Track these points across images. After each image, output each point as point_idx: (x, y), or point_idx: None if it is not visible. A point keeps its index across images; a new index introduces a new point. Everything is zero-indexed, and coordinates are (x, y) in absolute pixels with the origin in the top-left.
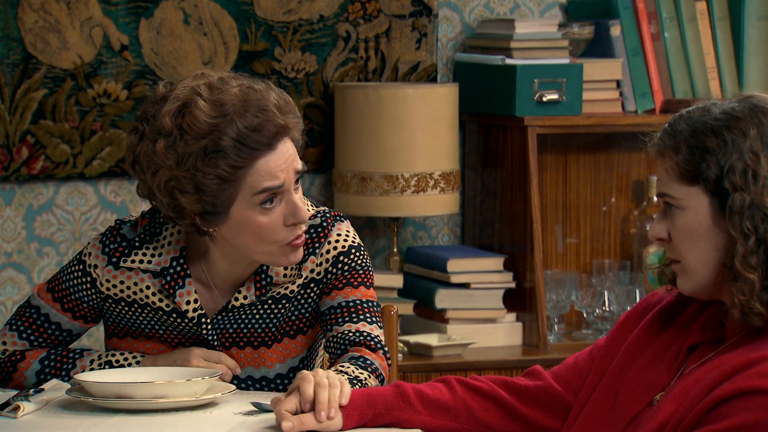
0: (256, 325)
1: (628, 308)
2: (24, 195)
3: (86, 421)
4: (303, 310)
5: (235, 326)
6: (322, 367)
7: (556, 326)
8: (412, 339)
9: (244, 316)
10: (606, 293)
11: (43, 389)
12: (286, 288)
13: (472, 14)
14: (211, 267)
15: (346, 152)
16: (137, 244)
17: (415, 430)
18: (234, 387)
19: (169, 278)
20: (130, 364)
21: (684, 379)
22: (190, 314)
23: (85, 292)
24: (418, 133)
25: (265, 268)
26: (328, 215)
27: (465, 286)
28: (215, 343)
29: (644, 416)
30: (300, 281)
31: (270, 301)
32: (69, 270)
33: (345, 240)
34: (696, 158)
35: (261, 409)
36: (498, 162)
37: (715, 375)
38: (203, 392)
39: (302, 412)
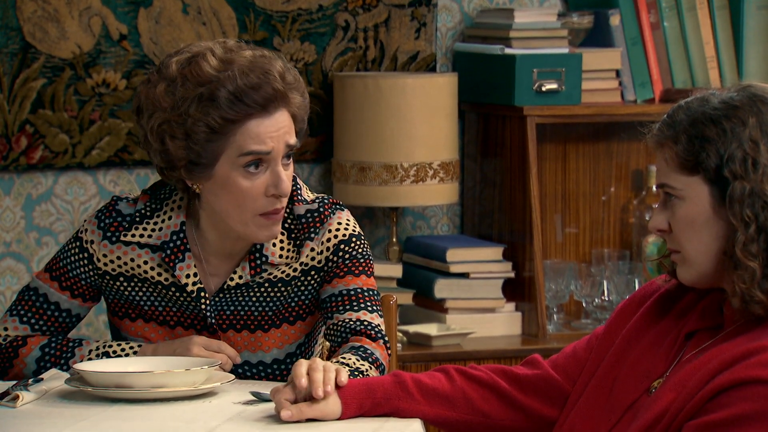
0: (253, 308)
1: (627, 298)
2: (23, 185)
3: (85, 410)
4: (303, 297)
5: (232, 308)
6: (321, 355)
7: (555, 316)
8: (411, 329)
9: (241, 298)
10: (605, 283)
11: (42, 379)
12: (283, 272)
13: (471, 4)
14: (205, 244)
15: (345, 142)
16: (138, 219)
17: (414, 419)
18: (233, 377)
19: (169, 252)
20: (128, 355)
21: (682, 366)
22: (190, 287)
23: (82, 269)
24: (418, 122)
25: (259, 246)
26: (326, 201)
27: (464, 275)
28: (212, 321)
29: (642, 404)
30: (298, 266)
31: (267, 284)
32: (66, 248)
33: (346, 228)
34: (695, 148)
35: (260, 398)
36: (497, 152)
37: (714, 364)
38: (202, 382)
39: (302, 401)
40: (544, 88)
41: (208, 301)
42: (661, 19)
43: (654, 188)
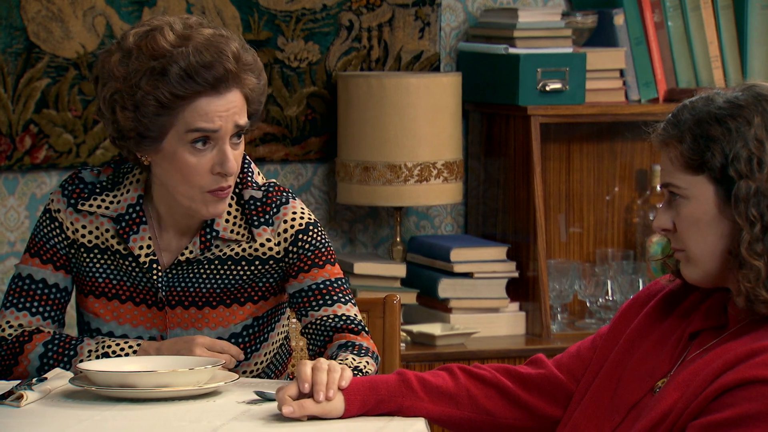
0: (202, 285)
1: (631, 297)
2: (27, 184)
3: (89, 410)
4: (259, 282)
5: (183, 284)
6: (285, 345)
7: (559, 316)
8: (415, 328)
9: (191, 275)
10: (609, 282)
11: (46, 378)
12: (233, 249)
13: (475, 3)
14: (157, 215)
15: (349, 142)
16: (98, 190)
17: (418, 417)
18: (237, 376)
19: (124, 224)
20: (127, 354)
21: (686, 366)
22: (142, 259)
23: (56, 239)
24: (421, 122)
25: (210, 222)
26: (272, 189)
27: (468, 275)
28: (162, 295)
29: (646, 403)
30: (255, 252)
31: (216, 261)
32: (39, 223)
33: (301, 218)
34: (701, 147)
35: (264, 398)
36: (501, 151)
37: (718, 364)
38: (206, 381)
39: (304, 397)
40: (548, 88)
41: (160, 274)
42: (665, 19)
43: (658, 188)
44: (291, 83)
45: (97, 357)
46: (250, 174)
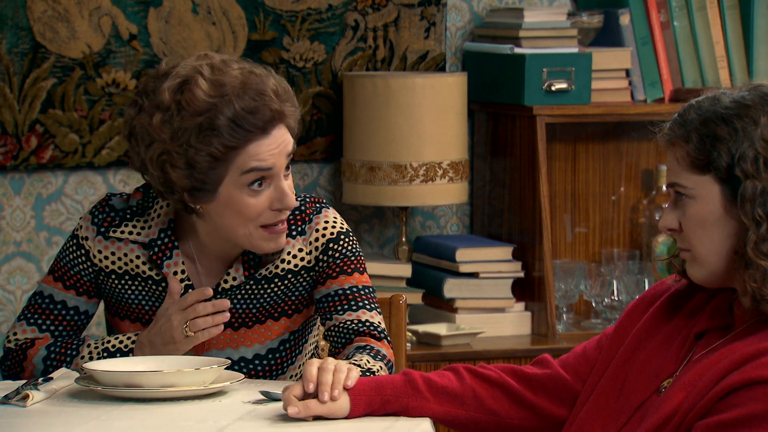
0: (239, 306)
1: (637, 297)
2: (33, 184)
3: (95, 409)
4: (291, 295)
5: None
6: (315, 355)
7: (564, 316)
8: (421, 328)
9: (233, 299)
10: (615, 282)
11: (51, 378)
12: (270, 271)
13: (481, 3)
14: (198, 244)
15: (355, 142)
16: (128, 216)
17: (424, 418)
18: (243, 376)
19: (156, 249)
20: (126, 346)
21: (692, 366)
22: None
23: (81, 266)
24: (427, 122)
25: None
26: (308, 200)
27: (474, 275)
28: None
29: (652, 404)
30: (287, 266)
31: (252, 282)
32: (65, 248)
33: (333, 226)
34: (707, 147)
35: (270, 397)
36: (507, 151)
37: (724, 364)
38: (212, 381)
39: (310, 397)
40: (553, 88)
41: None
42: (671, 19)
43: (664, 188)
44: (296, 83)
45: (98, 353)
46: None
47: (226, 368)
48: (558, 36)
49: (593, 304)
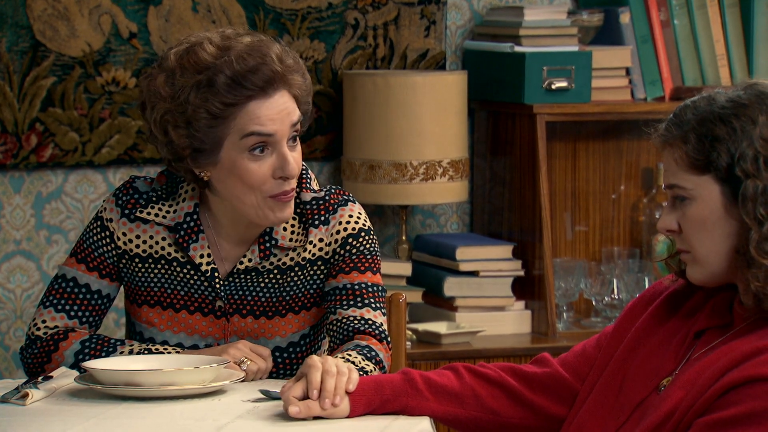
0: (260, 294)
1: (636, 296)
2: (33, 183)
3: (95, 408)
4: (308, 287)
5: (240, 293)
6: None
7: (564, 314)
8: (421, 327)
9: (250, 284)
10: (615, 281)
11: (51, 377)
12: (292, 259)
13: (481, 1)
14: (218, 227)
15: (355, 140)
16: (154, 198)
17: (423, 417)
18: (243, 375)
19: (182, 233)
20: (169, 353)
21: (691, 365)
22: (204, 267)
23: (105, 248)
24: (427, 120)
25: (269, 230)
26: (333, 191)
27: (474, 274)
28: (222, 304)
29: (651, 402)
30: (307, 255)
31: (276, 271)
32: (88, 229)
33: (356, 222)
34: (706, 147)
35: (269, 396)
36: (507, 150)
37: (724, 362)
38: (211, 380)
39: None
40: (553, 86)
41: (221, 283)
42: (671, 17)
43: (663, 187)
44: None
45: (140, 351)
46: (308, 180)
47: (225, 365)
48: (558, 34)
49: (593, 303)
